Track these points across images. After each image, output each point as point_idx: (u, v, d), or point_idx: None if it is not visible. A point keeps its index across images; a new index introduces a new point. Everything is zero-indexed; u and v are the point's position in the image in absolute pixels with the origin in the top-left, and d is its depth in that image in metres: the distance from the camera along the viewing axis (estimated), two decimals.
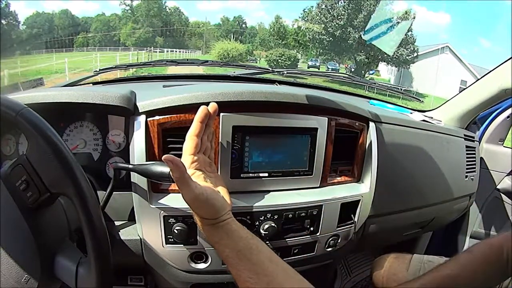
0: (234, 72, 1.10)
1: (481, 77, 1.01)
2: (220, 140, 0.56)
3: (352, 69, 19.44)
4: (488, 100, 0.98)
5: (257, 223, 0.58)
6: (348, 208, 0.68)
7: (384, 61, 19.48)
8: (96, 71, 0.97)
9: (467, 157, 1.04)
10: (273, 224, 0.58)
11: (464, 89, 1.08)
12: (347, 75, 1.18)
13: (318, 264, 0.71)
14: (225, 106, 0.55)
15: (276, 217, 0.59)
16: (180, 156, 0.47)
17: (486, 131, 1.19)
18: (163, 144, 0.56)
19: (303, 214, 0.61)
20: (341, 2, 18.51)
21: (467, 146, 1.04)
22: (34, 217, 0.40)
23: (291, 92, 0.61)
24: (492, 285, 0.56)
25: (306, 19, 20.74)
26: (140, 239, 0.57)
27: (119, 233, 0.58)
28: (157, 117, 0.55)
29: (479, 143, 1.17)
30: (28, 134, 0.38)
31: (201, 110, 0.48)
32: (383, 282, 0.78)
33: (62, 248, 0.42)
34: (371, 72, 20.32)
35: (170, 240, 0.55)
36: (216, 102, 0.51)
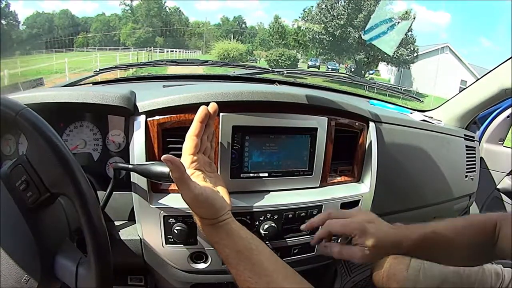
0: (234, 72, 1.10)
1: (481, 77, 1.01)
2: (220, 140, 0.56)
3: (352, 69, 19.44)
4: (488, 100, 0.99)
5: (257, 223, 0.58)
6: (348, 208, 0.67)
7: (384, 61, 19.47)
8: (96, 71, 0.97)
9: (467, 157, 1.04)
10: (273, 224, 0.58)
11: (464, 89, 1.08)
12: (347, 75, 1.18)
13: (318, 264, 0.70)
14: (225, 106, 0.55)
15: (276, 217, 0.59)
16: (180, 156, 0.47)
17: (486, 131, 1.20)
18: (163, 144, 0.56)
19: (303, 214, 0.61)
20: (341, 2, 18.54)
21: (467, 146, 1.04)
22: (34, 217, 0.40)
23: (291, 92, 0.61)
24: (480, 262, 0.57)
25: (306, 19, 20.75)
26: (140, 239, 0.57)
27: (119, 233, 0.58)
28: (157, 117, 0.55)
29: (479, 143, 1.17)
30: (28, 134, 0.38)
31: (201, 110, 0.48)
32: (383, 282, 0.78)
33: (62, 248, 0.42)
34: (371, 72, 20.31)
35: (170, 240, 0.55)
36: (216, 102, 0.51)
